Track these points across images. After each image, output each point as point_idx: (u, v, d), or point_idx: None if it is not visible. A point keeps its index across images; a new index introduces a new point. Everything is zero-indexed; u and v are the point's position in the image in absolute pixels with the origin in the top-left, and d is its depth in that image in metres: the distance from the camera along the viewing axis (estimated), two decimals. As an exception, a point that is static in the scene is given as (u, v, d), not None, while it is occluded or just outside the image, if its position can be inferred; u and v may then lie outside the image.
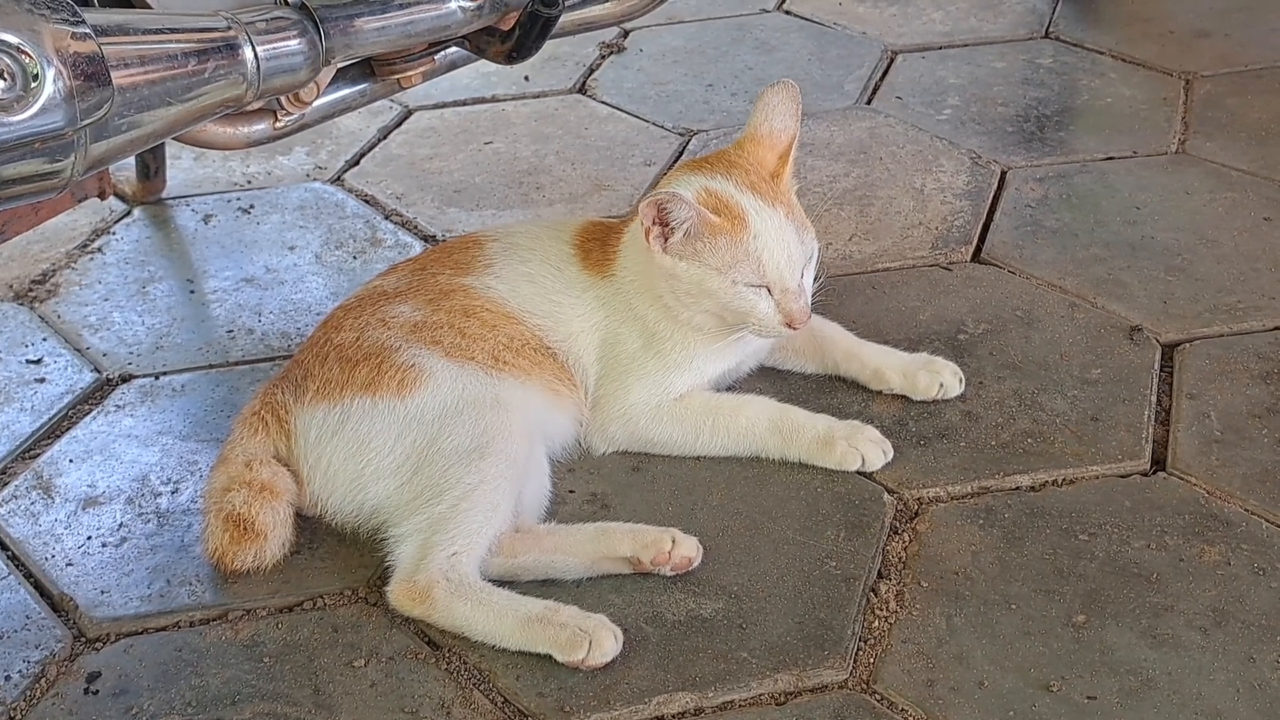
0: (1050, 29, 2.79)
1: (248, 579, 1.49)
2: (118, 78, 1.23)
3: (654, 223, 1.54)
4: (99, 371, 1.86)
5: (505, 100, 2.59)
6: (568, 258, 1.68)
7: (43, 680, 1.39)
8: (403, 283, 1.66)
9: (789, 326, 1.56)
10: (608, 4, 1.93)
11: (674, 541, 1.46)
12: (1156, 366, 1.78)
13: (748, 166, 1.59)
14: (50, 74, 1.16)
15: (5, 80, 1.14)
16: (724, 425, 1.64)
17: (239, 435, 1.56)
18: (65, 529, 1.58)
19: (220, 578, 1.49)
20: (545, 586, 1.45)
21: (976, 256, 2.04)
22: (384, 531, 1.49)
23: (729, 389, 1.72)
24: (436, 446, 1.48)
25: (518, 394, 1.56)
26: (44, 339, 1.93)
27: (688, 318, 1.60)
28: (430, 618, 1.42)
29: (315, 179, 2.34)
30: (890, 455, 1.62)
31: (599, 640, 1.36)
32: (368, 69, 1.70)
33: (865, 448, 1.61)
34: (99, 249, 2.15)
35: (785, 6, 2.95)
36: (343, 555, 1.52)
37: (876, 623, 1.42)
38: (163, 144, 2.14)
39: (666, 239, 1.55)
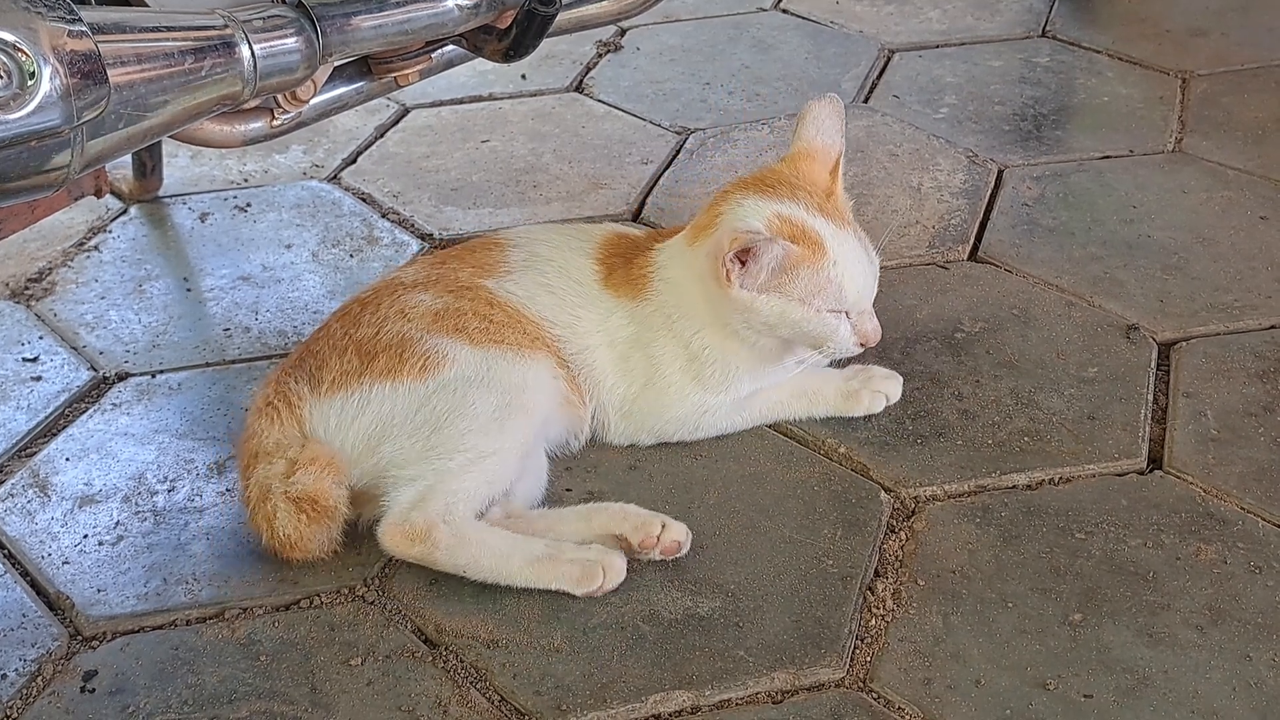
0: (1047, 28, 2.79)
1: (245, 578, 1.48)
2: (114, 75, 1.23)
3: (734, 260, 1.52)
4: (95, 370, 1.86)
5: (502, 98, 2.59)
6: (590, 272, 1.66)
7: (39, 679, 1.39)
8: (422, 274, 1.64)
9: (861, 346, 1.59)
10: (605, 2, 1.93)
11: (663, 526, 1.47)
12: (1153, 365, 1.78)
13: (808, 186, 1.59)
14: (47, 72, 1.16)
15: (1, 78, 1.14)
16: (749, 416, 1.68)
17: (258, 426, 1.53)
18: (62, 527, 1.58)
19: (278, 566, 1.48)
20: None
21: (973, 255, 2.04)
22: (385, 479, 1.48)
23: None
24: (459, 411, 1.49)
25: (543, 378, 1.57)
26: (40, 337, 1.93)
27: (754, 341, 1.60)
28: (430, 557, 1.43)
29: (312, 177, 2.34)
30: (901, 380, 1.71)
31: (609, 564, 1.43)
32: (364, 67, 1.70)
33: (885, 386, 1.70)
34: (95, 247, 2.15)
35: (782, 5, 2.95)
36: (340, 554, 1.52)
37: (873, 621, 1.42)
38: (159, 142, 2.13)
39: (743, 275, 1.53)
